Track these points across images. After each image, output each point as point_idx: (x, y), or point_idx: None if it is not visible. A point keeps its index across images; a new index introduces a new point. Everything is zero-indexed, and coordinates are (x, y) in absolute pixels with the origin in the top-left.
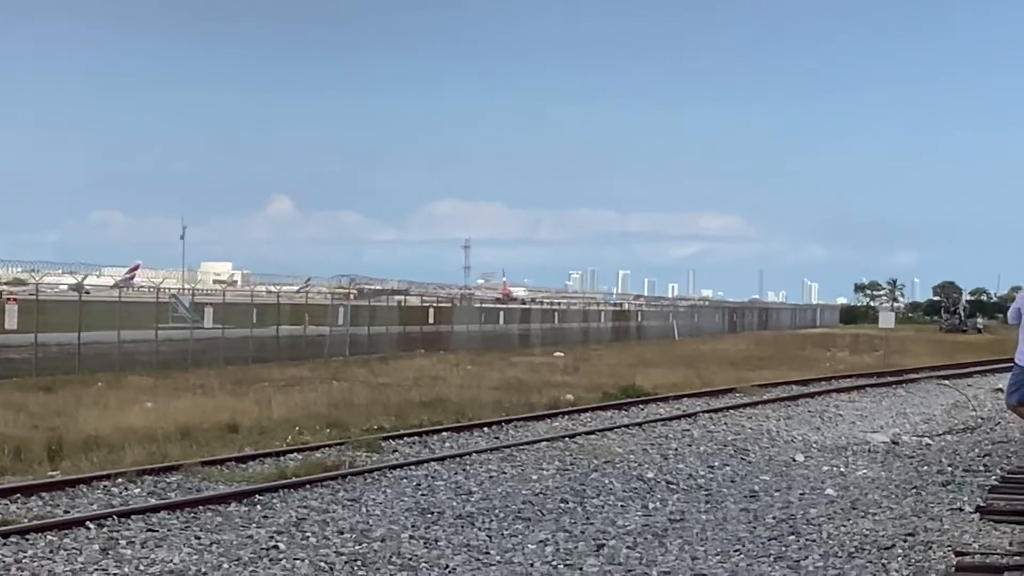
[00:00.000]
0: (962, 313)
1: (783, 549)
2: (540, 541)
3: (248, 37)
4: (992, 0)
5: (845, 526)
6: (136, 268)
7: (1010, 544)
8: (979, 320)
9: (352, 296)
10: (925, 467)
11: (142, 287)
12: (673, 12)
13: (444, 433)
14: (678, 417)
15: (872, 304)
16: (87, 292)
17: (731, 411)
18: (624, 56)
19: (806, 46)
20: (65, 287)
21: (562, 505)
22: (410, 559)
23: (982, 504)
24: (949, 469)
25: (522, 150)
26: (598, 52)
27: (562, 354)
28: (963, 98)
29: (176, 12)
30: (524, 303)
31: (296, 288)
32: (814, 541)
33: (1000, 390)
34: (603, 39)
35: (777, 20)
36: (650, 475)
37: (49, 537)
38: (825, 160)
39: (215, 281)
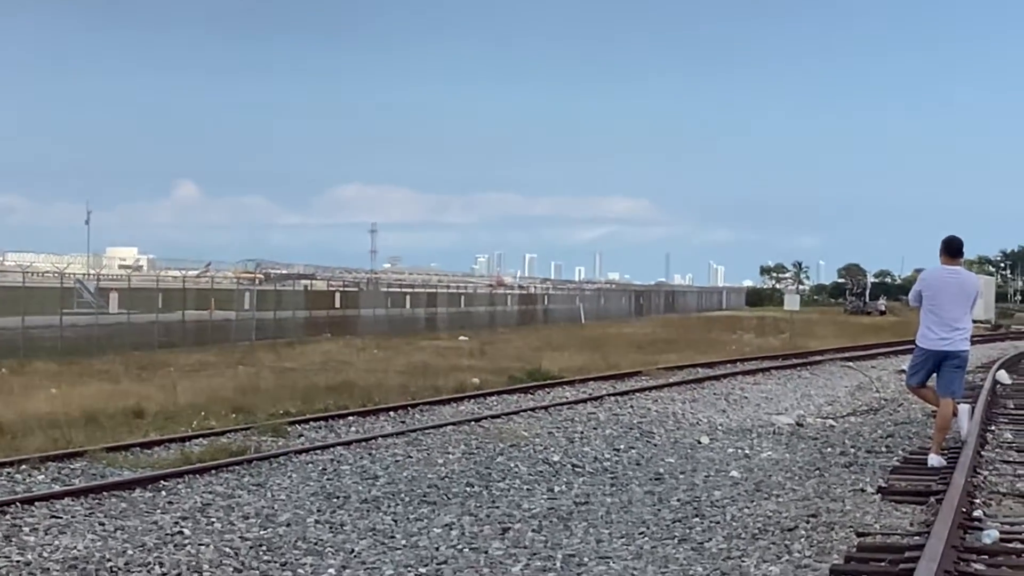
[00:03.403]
0: (866, 295)
1: (687, 531)
2: (446, 525)
3: (150, 20)
4: None
5: (749, 508)
6: None
7: (910, 524)
8: (882, 302)
9: (258, 280)
10: (829, 449)
11: (47, 273)
12: None
13: (350, 417)
14: (584, 400)
15: (778, 287)
16: None
17: (637, 394)
18: (529, 39)
19: (706, 27)
20: None
21: (468, 489)
22: (315, 543)
23: (883, 485)
24: (852, 450)
25: (428, 134)
26: (505, 35)
27: (467, 338)
28: (862, 80)
29: None
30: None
31: (197, 273)
32: (718, 523)
33: (903, 371)
34: (507, 22)
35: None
36: (556, 458)
37: None
38: (730, 143)
39: (121, 266)
